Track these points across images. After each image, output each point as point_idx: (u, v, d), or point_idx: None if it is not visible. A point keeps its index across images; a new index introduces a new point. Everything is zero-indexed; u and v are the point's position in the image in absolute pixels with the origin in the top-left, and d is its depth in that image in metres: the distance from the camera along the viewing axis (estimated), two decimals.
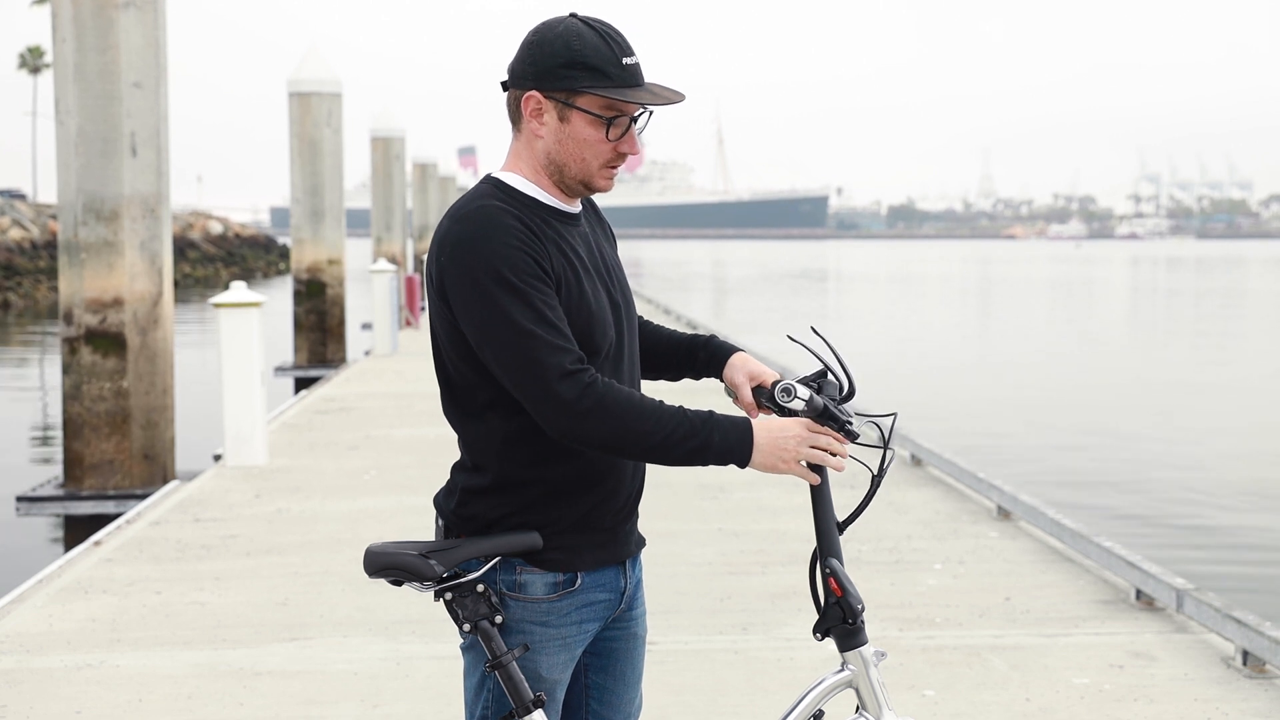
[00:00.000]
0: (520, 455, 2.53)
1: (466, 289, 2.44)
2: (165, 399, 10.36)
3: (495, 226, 2.45)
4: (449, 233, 2.49)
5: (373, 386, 15.43)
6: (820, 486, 2.60)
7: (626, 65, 2.49)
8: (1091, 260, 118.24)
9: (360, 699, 5.06)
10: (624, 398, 2.41)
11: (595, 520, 2.59)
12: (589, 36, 2.48)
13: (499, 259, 2.42)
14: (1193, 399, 20.27)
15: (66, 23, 9.91)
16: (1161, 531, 11.12)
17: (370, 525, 7.99)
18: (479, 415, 2.54)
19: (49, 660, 5.55)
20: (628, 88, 2.49)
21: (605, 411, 2.39)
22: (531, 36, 2.52)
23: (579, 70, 2.47)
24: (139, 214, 10.10)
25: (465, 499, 2.58)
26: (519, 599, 2.55)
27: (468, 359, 2.51)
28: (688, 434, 2.42)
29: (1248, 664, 5.29)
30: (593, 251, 2.63)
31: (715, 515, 8.19)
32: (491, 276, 2.42)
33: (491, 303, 2.41)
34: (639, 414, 2.41)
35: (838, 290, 59.65)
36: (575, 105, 2.49)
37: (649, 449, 2.42)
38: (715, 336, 2.87)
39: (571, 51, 2.47)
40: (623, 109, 2.51)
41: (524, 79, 2.51)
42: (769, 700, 4.98)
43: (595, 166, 2.54)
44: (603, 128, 2.51)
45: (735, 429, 2.46)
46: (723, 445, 2.44)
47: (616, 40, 2.50)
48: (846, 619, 2.59)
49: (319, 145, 20.07)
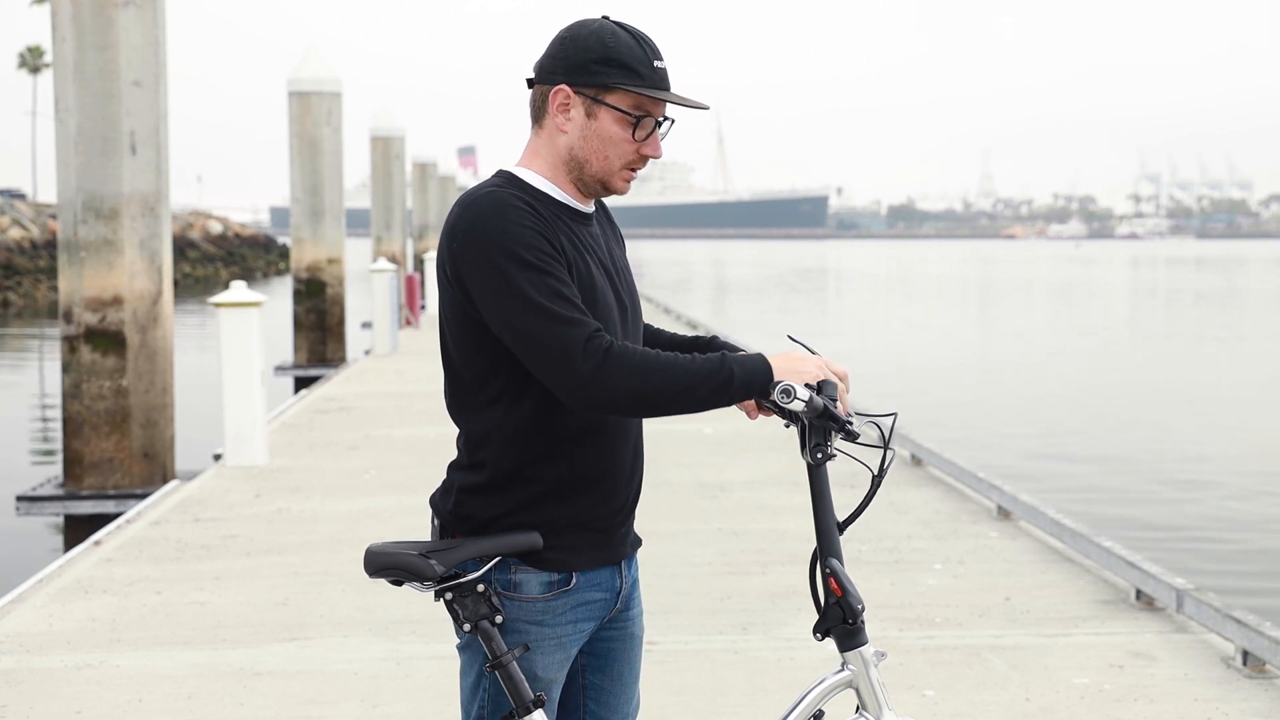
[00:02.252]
0: (520, 452, 2.53)
1: (482, 270, 2.45)
2: (165, 398, 10.36)
3: (505, 207, 2.47)
4: (459, 219, 2.50)
5: (373, 386, 15.43)
6: (821, 487, 2.60)
7: (657, 68, 2.53)
8: (1091, 260, 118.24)
9: (360, 699, 5.06)
10: (642, 354, 2.43)
11: (592, 521, 2.59)
12: (623, 36, 2.52)
13: (511, 238, 2.44)
14: (1193, 399, 20.26)
15: (66, 21, 9.91)
16: (1161, 531, 11.12)
17: (370, 525, 7.98)
18: (482, 410, 2.55)
19: (49, 660, 5.55)
20: (658, 89, 2.52)
21: (629, 369, 2.40)
22: (564, 33, 2.55)
23: (612, 67, 2.50)
24: (138, 212, 10.09)
25: (461, 498, 2.58)
26: (514, 598, 2.55)
27: (479, 347, 2.51)
28: (710, 373, 2.45)
29: (1248, 664, 5.29)
30: (603, 252, 2.64)
31: (715, 515, 8.19)
32: (505, 254, 2.43)
33: (507, 280, 2.42)
34: (659, 366, 2.42)
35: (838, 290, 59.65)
36: (605, 101, 2.51)
37: (675, 395, 2.43)
38: (716, 337, 2.88)
39: (606, 48, 2.50)
40: (651, 110, 2.54)
41: (554, 73, 2.53)
42: (769, 700, 4.98)
43: (617, 166, 2.56)
44: (629, 127, 2.53)
45: (751, 358, 2.50)
46: (744, 374, 2.47)
47: (648, 43, 2.54)
48: (847, 619, 2.58)
49: (319, 144, 20.07)
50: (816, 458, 2.59)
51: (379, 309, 19.53)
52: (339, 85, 20.25)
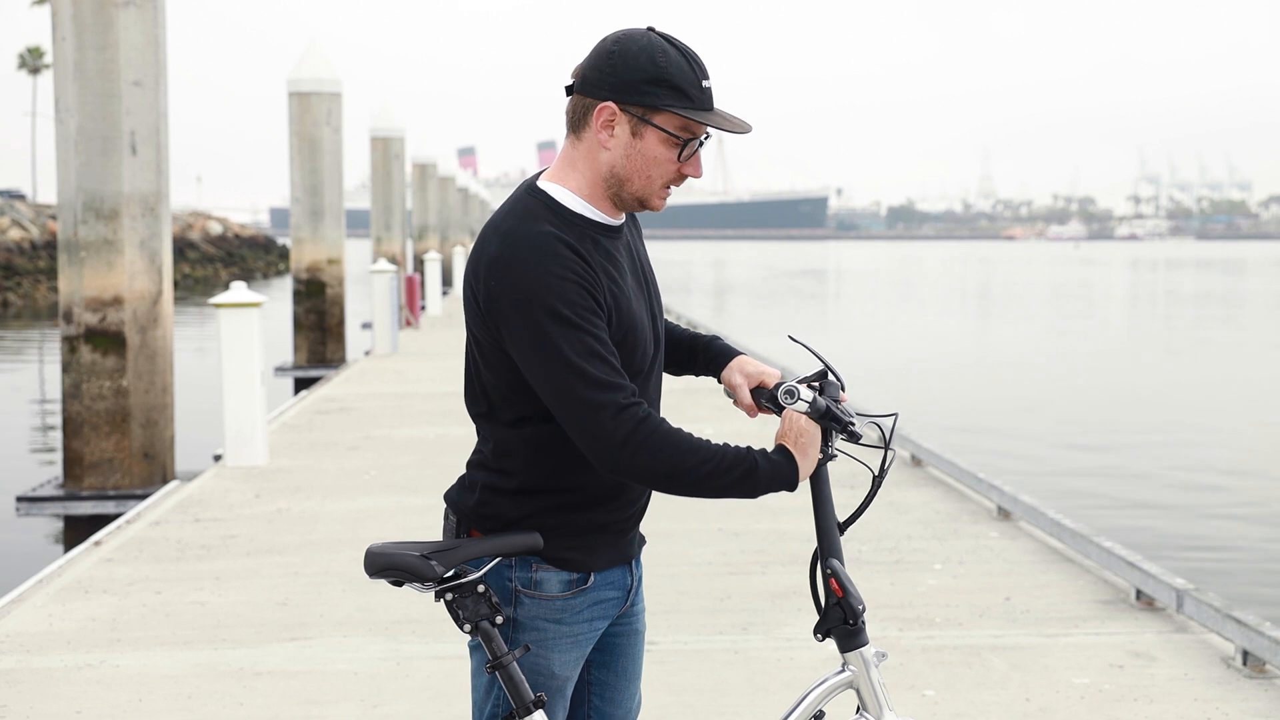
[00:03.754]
0: (550, 464, 2.53)
1: (518, 319, 2.40)
2: (165, 398, 10.36)
3: (548, 255, 2.40)
4: (500, 257, 2.43)
5: (373, 386, 15.43)
6: (821, 487, 2.60)
7: (705, 88, 2.47)
8: (1091, 261, 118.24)
9: (360, 699, 5.06)
10: (673, 433, 2.41)
11: (610, 524, 2.61)
12: (674, 55, 2.44)
13: (553, 293, 2.38)
14: (1192, 399, 20.27)
15: (66, 21, 9.91)
16: (1161, 532, 11.12)
17: (370, 525, 7.98)
18: (509, 425, 2.54)
19: (49, 660, 5.55)
20: (705, 111, 2.47)
21: (657, 447, 2.38)
22: (612, 46, 2.46)
23: (662, 88, 2.43)
24: (138, 212, 10.09)
25: (487, 498, 2.57)
26: (534, 596, 2.56)
27: (506, 378, 2.49)
28: (735, 461, 2.43)
29: (1248, 664, 5.29)
30: (634, 261, 2.62)
31: (715, 515, 8.19)
32: (544, 309, 2.38)
33: (544, 335, 2.38)
34: (688, 448, 2.41)
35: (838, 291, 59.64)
36: (652, 122, 2.45)
37: (699, 479, 2.41)
38: (718, 338, 2.88)
39: (657, 68, 2.43)
40: (696, 131, 2.48)
41: (600, 88, 2.46)
42: (769, 700, 4.98)
43: (658, 185, 2.51)
44: (676, 148, 2.48)
45: (776, 451, 2.49)
46: (768, 466, 2.45)
47: (698, 62, 2.47)
48: (847, 619, 2.58)
49: (318, 144, 20.07)
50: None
51: (379, 309, 19.53)
52: (339, 85, 20.25)
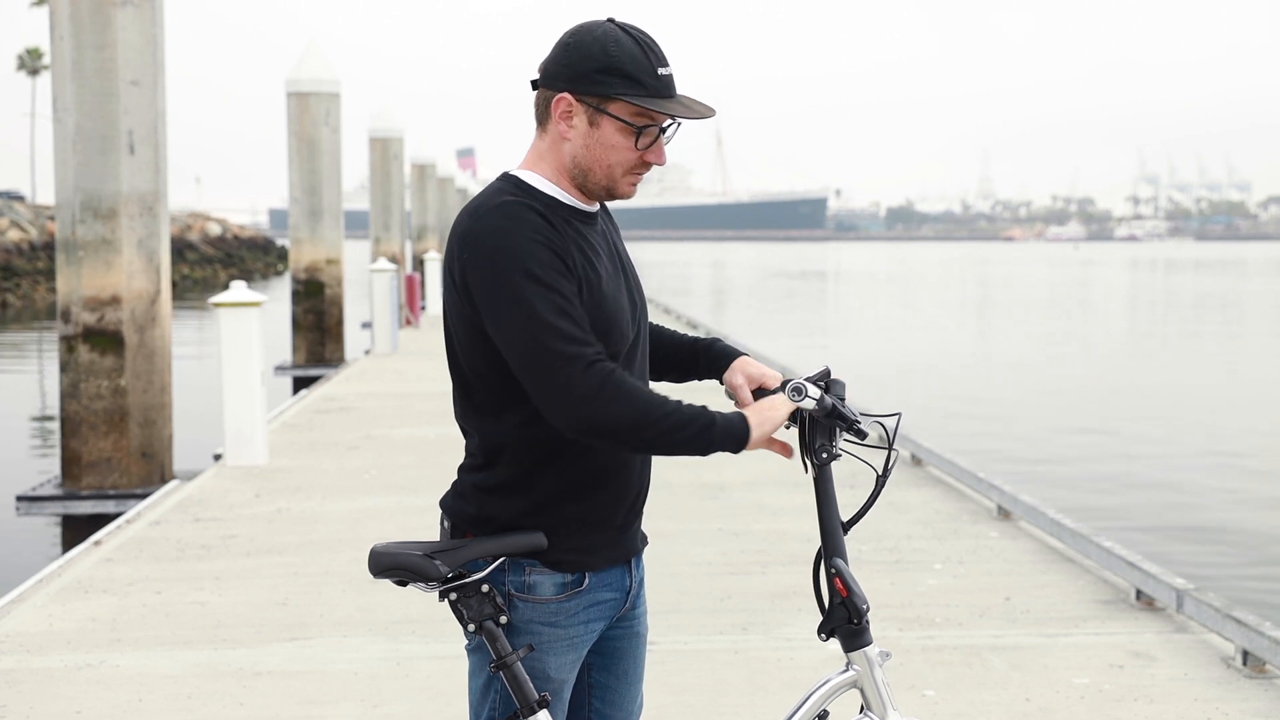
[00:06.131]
0: (536, 452, 2.53)
1: (490, 283, 2.43)
2: (163, 397, 10.35)
3: (518, 220, 2.45)
4: (470, 230, 2.47)
5: (373, 386, 15.42)
6: (825, 486, 2.59)
7: (661, 75, 2.48)
8: (1090, 262, 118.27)
9: (360, 699, 5.06)
10: (639, 386, 2.44)
11: (608, 518, 2.59)
12: (626, 43, 2.47)
13: (523, 253, 2.42)
14: (1192, 399, 20.27)
15: (64, 20, 9.90)
16: (1161, 531, 11.12)
17: (370, 525, 7.98)
18: (493, 416, 2.54)
19: (49, 660, 5.54)
20: (661, 98, 2.48)
21: (627, 399, 2.40)
22: (568, 38, 2.51)
23: (614, 77, 2.46)
24: (137, 212, 10.09)
25: (479, 499, 2.57)
26: (528, 600, 2.54)
27: (486, 356, 2.50)
28: (694, 415, 2.44)
29: (1248, 664, 5.28)
30: (611, 250, 2.63)
31: (715, 515, 8.18)
32: (517, 269, 2.41)
33: (516, 295, 2.41)
34: (655, 401, 2.43)
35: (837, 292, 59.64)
36: (607, 111, 2.48)
37: (663, 431, 2.42)
38: (719, 340, 2.87)
39: (609, 57, 2.46)
40: (654, 119, 2.50)
41: (557, 80, 2.50)
42: (769, 700, 4.97)
43: (620, 173, 2.54)
44: (632, 136, 2.50)
45: (732, 413, 2.52)
46: (724, 422, 2.47)
47: (653, 50, 2.49)
48: (852, 619, 2.57)
49: (317, 144, 20.06)
50: (821, 457, 2.59)
51: (379, 309, 19.51)
52: (338, 86, 20.25)
